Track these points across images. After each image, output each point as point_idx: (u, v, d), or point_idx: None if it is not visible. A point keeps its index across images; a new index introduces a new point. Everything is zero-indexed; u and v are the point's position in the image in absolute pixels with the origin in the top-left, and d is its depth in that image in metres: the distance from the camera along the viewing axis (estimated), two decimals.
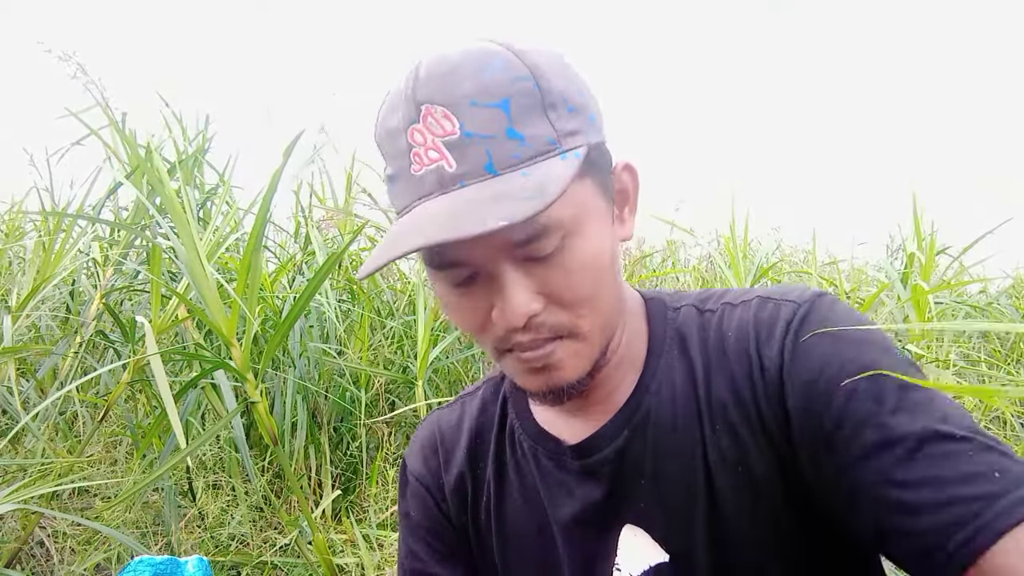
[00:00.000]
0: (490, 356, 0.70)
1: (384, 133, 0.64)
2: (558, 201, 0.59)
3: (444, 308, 0.69)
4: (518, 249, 0.61)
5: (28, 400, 2.15)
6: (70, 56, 2.56)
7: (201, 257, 1.54)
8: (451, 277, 0.64)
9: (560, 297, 0.63)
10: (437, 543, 0.85)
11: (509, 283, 0.62)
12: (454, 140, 0.58)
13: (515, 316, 0.61)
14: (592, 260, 0.64)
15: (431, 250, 0.63)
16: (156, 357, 1.46)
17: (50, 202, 2.65)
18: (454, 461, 0.84)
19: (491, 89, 0.58)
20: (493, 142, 0.58)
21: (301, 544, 1.96)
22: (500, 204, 0.55)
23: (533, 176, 0.57)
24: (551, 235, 0.61)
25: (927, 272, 2.48)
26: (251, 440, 2.41)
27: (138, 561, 1.43)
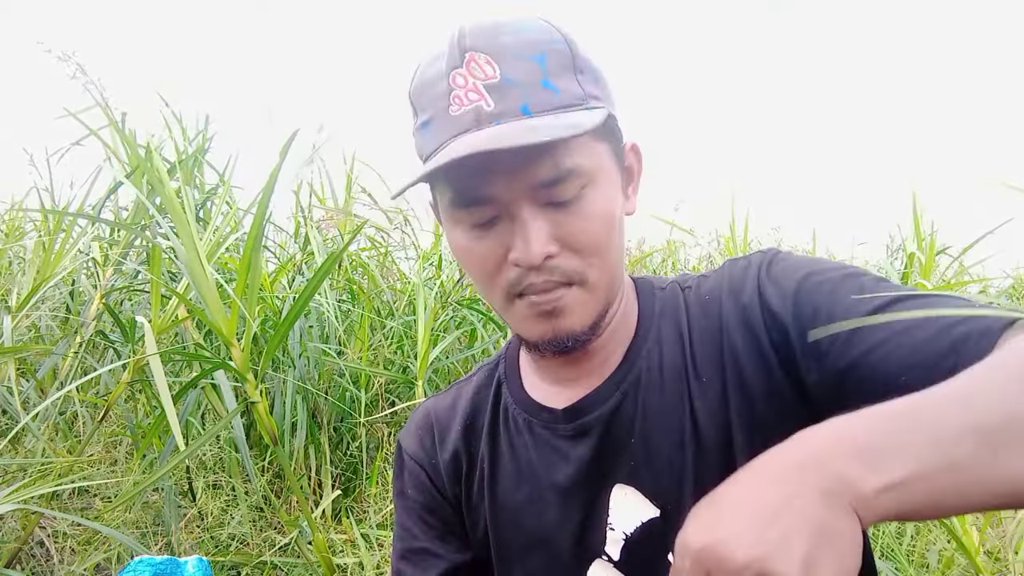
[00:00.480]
0: (498, 308, 0.74)
1: (421, 83, 0.70)
2: (581, 152, 0.67)
3: (461, 254, 0.73)
4: (541, 191, 0.66)
5: (28, 400, 2.15)
6: (70, 56, 2.56)
7: (201, 257, 1.54)
8: (473, 216, 0.69)
9: (575, 243, 0.68)
10: (433, 520, 0.87)
11: (530, 222, 0.67)
12: (494, 83, 0.64)
13: (533, 254, 0.66)
14: (605, 213, 0.70)
15: (462, 184, 0.68)
16: (156, 357, 1.46)
17: (50, 202, 2.65)
18: (449, 440, 0.87)
19: (530, 45, 0.66)
20: (529, 89, 0.64)
21: (301, 544, 1.97)
22: (537, 132, 0.61)
23: (565, 118, 0.64)
24: (573, 180, 0.67)
25: (927, 272, 2.48)
26: (251, 440, 2.41)
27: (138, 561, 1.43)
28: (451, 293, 2.75)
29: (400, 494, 0.89)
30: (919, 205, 2.65)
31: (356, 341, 2.56)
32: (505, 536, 0.82)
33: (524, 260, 0.67)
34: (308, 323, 2.55)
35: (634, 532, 0.75)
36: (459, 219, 0.70)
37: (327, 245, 2.87)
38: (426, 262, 3.12)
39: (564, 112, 0.65)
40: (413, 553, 0.86)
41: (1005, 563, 1.83)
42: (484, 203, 0.68)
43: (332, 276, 2.79)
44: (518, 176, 0.66)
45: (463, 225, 0.70)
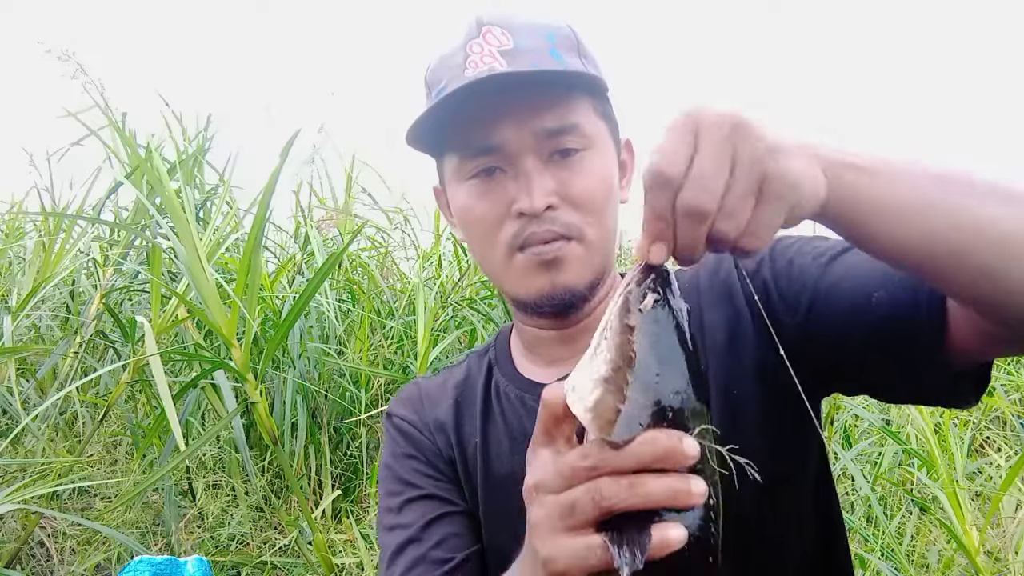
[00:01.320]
0: (497, 267, 0.76)
1: (439, 61, 0.76)
2: (586, 117, 0.74)
3: (464, 214, 0.77)
4: (546, 141, 0.72)
5: (28, 400, 2.14)
6: (70, 56, 2.56)
7: (201, 257, 1.54)
8: (480, 164, 0.74)
9: (575, 198, 0.73)
10: (433, 472, 0.86)
11: (533, 173, 0.72)
12: (508, 50, 0.71)
13: (537, 199, 0.71)
14: (605, 176, 0.75)
15: (472, 133, 0.73)
16: (156, 357, 1.46)
17: (50, 202, 2.65)
18: (439, 411, 0.88)
19: (541, 25, 0.74)
20: (540, 55, 0.72)
21: (301, 544, 1.96)
22: (547, 72, 0.70)
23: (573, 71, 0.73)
24: (577, 136, 0.73)
25: None
26: (251, 440, 2.40)
27: (138, 561, 1.43)
28: (451, 293, 2.75)
29: (393, 456, 0.87)
30: None
31: (356, 341, 2.56)
32: (497, 504, 0.82)
33: (528, 208, 0.71)
34: (308, 323, 2.55)
35: None
36: (465, 173, 0.75)
37: (327, 245, 2.87)
38: (426, 262, 3.12)
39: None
40: (416, 500, 0.82)
41: (1005, 563, 1.83)
42: (491, 152, 0.73)
43: (332, 276, 2.79)
44: (525, 123, 0.71)
45: (469, 182, 0.75)
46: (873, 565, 1.73)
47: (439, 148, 0.80)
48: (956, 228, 0.49)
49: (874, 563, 1.72)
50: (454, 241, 3.03)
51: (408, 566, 0.77)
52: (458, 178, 0.77)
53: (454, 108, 0.71)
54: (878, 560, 1.74)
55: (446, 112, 0.72)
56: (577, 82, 0.74)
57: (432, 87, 0.76)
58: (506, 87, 0.70)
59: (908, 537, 2.04)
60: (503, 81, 0.69)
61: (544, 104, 0.72)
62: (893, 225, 0.50)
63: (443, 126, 0.75)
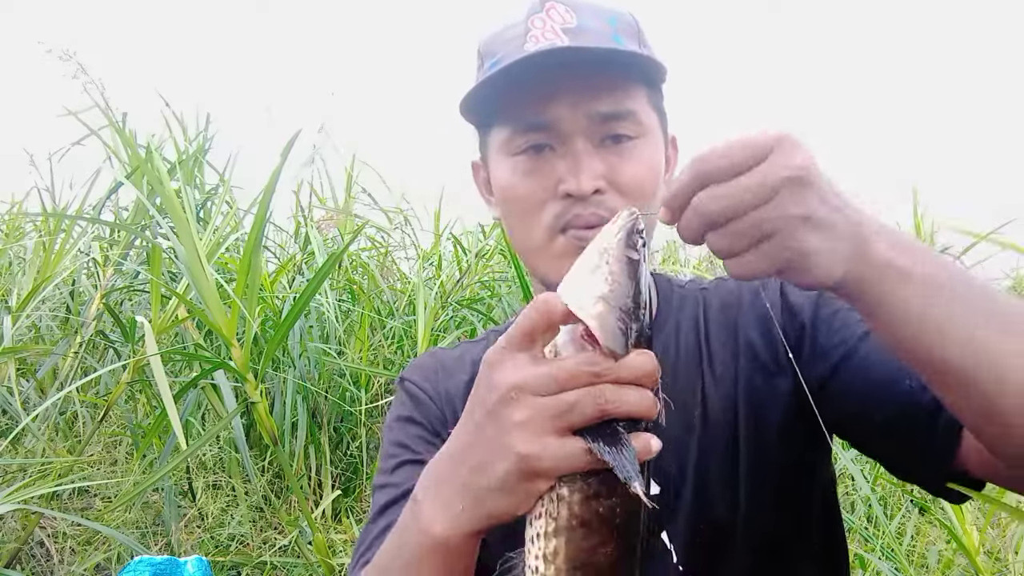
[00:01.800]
0: (535, 248, 0.76)
1: (495, 33, 0.76)
2: (641, 106, 0.73)
3: (507, 190, 0.76)
4: (600, 125, 0.71)
5: (28, 400, 2.14)
6: (70, 56, 2.56)
7: (201, 257, 1.54)
8: (529, 142, 0.73)
9: (623, 185, 0.72)
10: (432, 437, 0.84)
11: (584, 155, 0.71)
12: (571, 28, 0.70)
13: (585, 182, 0.70)
14: (654, 166, 0.75)
15: (525, 108, 0.72)
16: (156, 357, 1.46)
17: (51, 202, 2.65)
18: (452, 385, 0.86)
19: (604, 10, 0.74)
20: (602, 37, 0.71)
21: (301, 544, 1.96)
22: (612, 51, 0.69)
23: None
24: (630, 123, 0.72)
25: None
26: (251, 440, 2.40)
27: (138, 561, 1.43)
28: (451, 293, 2.75)
29: (398, 419, 0.85)
30: (919, 205, 2.65)
31: (356, 341, 2.56)
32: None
33: (575, 190, 0.70)
34: (308, 323, 2.55)
35: None
36: (513, 148, 0.74)
37: (327, 245, 2.87)
38: (426, 262, 3.13)
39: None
40: (410, 463, 0.80)
41: (1005, 563, 1.83)
42: (543, 129, 0.72)
43: (332, 276, 2.79)
44: (581, 104, 0.70)
45: (516, 158, 0.74)
46: (873, 565, 1.73)
47: (488, 119, 0.79)
48: (974, 359, 0.50)
49: (874, 563, 1.72)
50: (454, 241, 3.03)
51: (389, 524, 0.74)
52: (505, 152, 0.75)
53: (512, 80, 0.70)
54: (878, 560, 1.74)
55: (503, 83, 0.71)
56: (636, 69, 0.73)
57: (486, 59, 0.75)
58: (567, 64, 0.69)
59: (908, 537, 2.04)
60: (565, 56, 0.68)
61: (602, 87, 0.71)
62: (908, 333, 0.51)
63: (497, 97, 0.73)
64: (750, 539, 0.72)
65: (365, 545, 0.75)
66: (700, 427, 0.75)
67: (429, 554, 0.54)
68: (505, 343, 0.50)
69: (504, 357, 0.50)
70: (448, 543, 0.53)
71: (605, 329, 0.49)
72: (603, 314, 0.49)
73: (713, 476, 0.73)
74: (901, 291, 0.50)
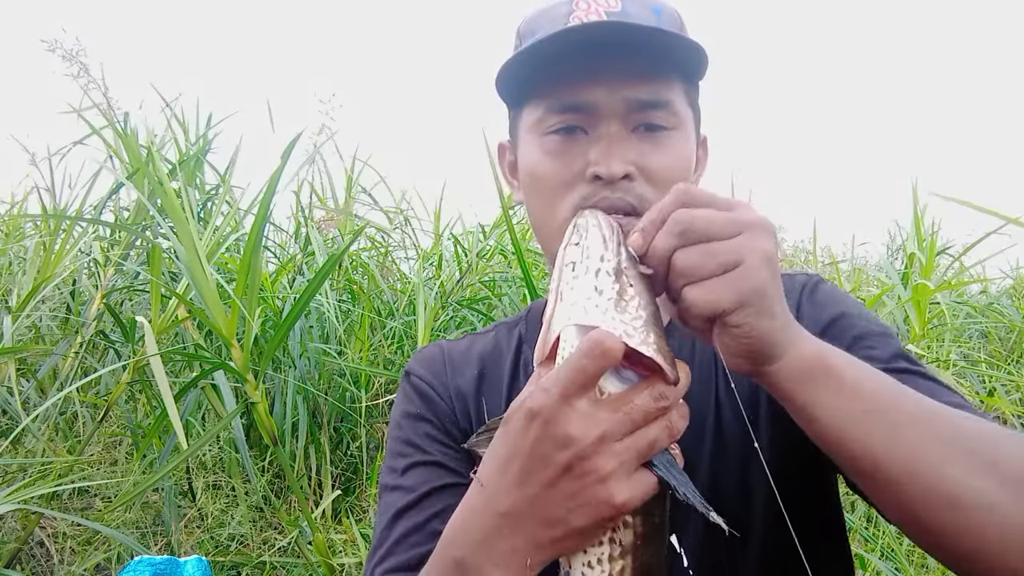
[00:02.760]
0: (556, 229, 0.73)
1: (537, 12, 0.75)
2: (678, 98, 0.73)
3: (534, 168, 0.75)
4: (635, 113, 0.71)
5: (28, 400, 2.15)
6: (72, 56, 2.56)
7: (201, 258, 1.54)
8: (561, 123, 0.72)
9: (654, 173, 0.71)
10: (446, 439, 0.82)
11: (617, 139, 0.70)
12: (615, 11, 0.69)
13: (616, 166, 0.69)
14: (685, 158, 0.74)
15: (564, 87, 0.71)
16: (156, 358, 1.46)
17: (51, 202, 2.65)
18: (461, 379, 0.84)
19: (650, 1, 0.72)
20: (646, 23, 0.69)
21: (301, 544, 1.96)
22: (657, 30, 0.68)
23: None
24: (666, 113, 0.72)
25: (927, 272, 2.48)
26: (251, 440, 2.41)
27: (138, 561, 1.43)
28: (451, 293, 2.75)
29: (405, 416, 0.83)
30: (920, 205, 2.65)
31: (356, 341, 2.56)
32: None
33: (605, 173, 0.69)
34: (308, 323, 2.55)
35: None
36: (545, 127, 0.73)
37: (328, 245, 2.87)
38: (426, 262, 3.12)
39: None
40: (421, 465, 0.78)
41: None
42: (579, 110, 0.71)
43: (332, 276, 2.79)
44: (618, 89, 0.70)
45: (546, 137, 0.73)
46: (873, 565, 1.73)
47: (521, 97, 0.77)
48: (900, 466, 0.51)
49: (874, 563, 1.72)
50: (455, 241, 3.03)
51: (404, 533, 0.74)
52: (536, 131, 0.74)
53: (550, 56, 0.69)
54: (878, 560, 1.74)
55: (540, 59, 0.70)
56: (676, 59, 0.71)
57: (524, 38, 0.75)
58: (607, 44, 0.68)
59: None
60: (606, 33, 0.67)
61: (641, 74, 0.70)
62: (831, 432, 0.53)
63: (533, 73, 0.72)
64: (760, 546, 0.72)
65: (384, 550, 0.73)
66: (712, 437, 0.74)
67: None
68: (559, 392, 0.49)
69: (563, 409, 0.49)
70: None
71: (664, 357, 0.49)
72: (657, 341, 0.49)
73: (724, 483, 0.72)
74: (828, 385, 0.52)
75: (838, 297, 0.77)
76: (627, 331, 0.49)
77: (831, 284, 0.79)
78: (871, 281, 3.82)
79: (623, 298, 0.50)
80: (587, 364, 0.48)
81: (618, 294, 0.50)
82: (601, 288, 0.50)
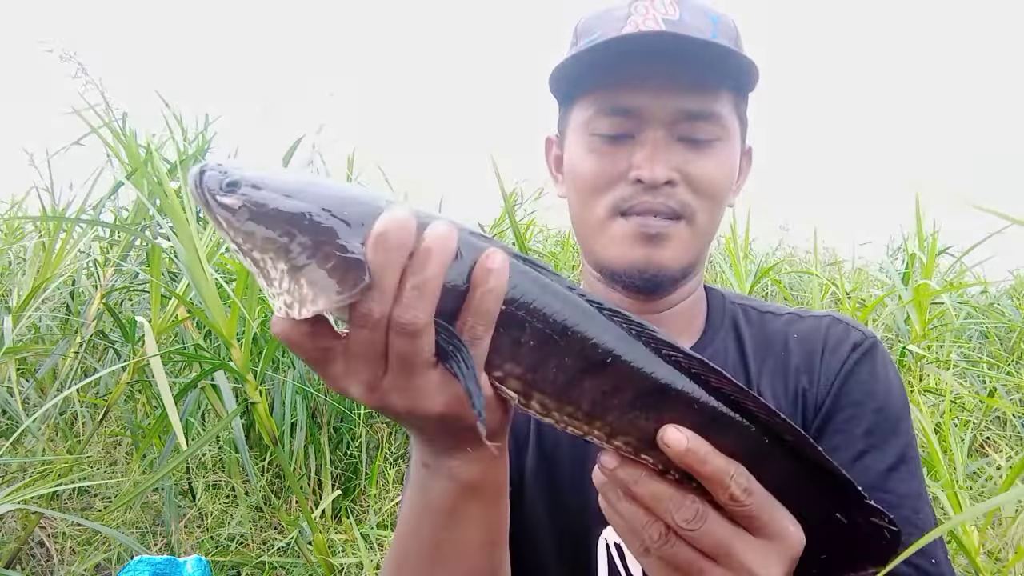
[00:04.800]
0: (592, 226, 0.75)
1: (596, 13, 0.75)
2: (726, 109, 0.73)
3: (577, 165, 0.76)
4: (682, 123, 0.71)
5: (28, 400, 2.14)
6: (71, 56, 2.56)
7: (201, 258, 1.54)
8: (609, 126, 0.73)
9: (696, 181, 0.72)
10: None
11: (662, 146, 0.71)
12: (673, 20, 0.70)
13: (659, 171, 0.70)
14: (729, 168, 0.75)
15: (613, 89, 0.72)
16: (156, 358, 1.46)
17: (50, 202, 2.65)
18: None
19: (708, 10, 0.73)
20: (701, 34, 0.70)
21: (301, 544, 1.96)
22: (712, 43, 0.68)
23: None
24: (714, 124, 0.72)
25: (928, 273, 2.47)
26: (251, 440, 2.40)
27: (137, 561, 1.43)
28: None
29: None
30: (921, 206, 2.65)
31: None
32: (543, 485, 0.81)
33: (647, 176, 0.70)
34: None
35: None
36: (593, 128, 0.74)
37: None
38: None
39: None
40: None
41: (1005, 563, 1.83)
42: (626, 114, 0.72)
43: None
44: (669, 99, 0.70)
45: (593, 137, 0.74)
46: None
47: (572, 94, 0.78)
48: None
49: None
50: None
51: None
52: (584, 130, 0.75)
53: (604, 59, 0.70)
54: None
55: (595, 61, 0.71)
56: (729, 71, 0.72)
57: (581, 37, 0.76)
58: (661, 52, 0.69)
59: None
60: (661, 43, 0.68)
61: (691, 85, 0.71)
62: None
63: (587, 74, 0.73)
64: None
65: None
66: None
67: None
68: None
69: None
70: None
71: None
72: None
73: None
74: None
75: (878, 377, 0.77)
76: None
77: (883, 354, 0.79)
78: (871, 282, 3.82)
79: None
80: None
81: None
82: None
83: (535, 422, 0.83)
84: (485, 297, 0.43)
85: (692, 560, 0.47)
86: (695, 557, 0.47)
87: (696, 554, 0.47)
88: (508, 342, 0.45)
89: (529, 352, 0.45)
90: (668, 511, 0.47)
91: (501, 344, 0.45)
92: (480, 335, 0.44)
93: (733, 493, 0.46)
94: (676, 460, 0.46)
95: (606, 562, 0.78)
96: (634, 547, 0.49)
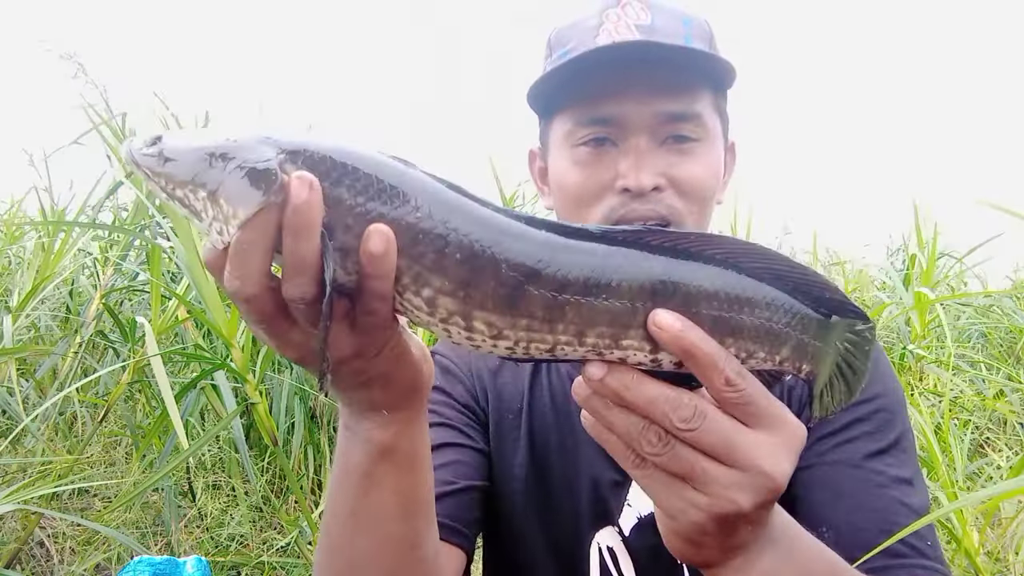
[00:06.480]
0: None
1: (568, 24, 0.75)
2: (707, 110, 0.73)
3: (562, 179, 0.76)
4: (665, 125, 0.71)
5: (28, 400, 2.14)
6: (70, 56, 2.56)
7: (201, 258, 1.54)
8: (592, 133, 0.73)
9: (682, 184, 0.72)
10: (458, 405, 0.83)
11: (646, 153, 0.71)
12: (645, 26, 0.70)
13: (645, 178, 0.70)
14: (713, 169, 0.75)
15: (592, 100, 0.72)
16: (157, 358, 1.46)
17: (49, 202, 2.65)
18: (482, 365, 0.86)
19: (679, 12, 0.73)
20: (674, 39, 0.70)
21: (301, 544, 1.96)
22: (686, 48, 0.69)
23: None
24: (695, 124, 0.72)
25: (928, 274, 2.48)
26: (251, 441, 2.40)
27: (137, 561, 1.43)
28: None
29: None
30: (921, 206, 2.65)
31: None
32: (532, 472, 0.82)
33: (634, 185, 0.70)
34: None
35: (647, 516, 0.77)
36: (574, 139, 0.74)
37: None
38: None
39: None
40: (434, 426, 0.79)
41: (1005, 563, 1.83)
42: (608, 123, 0.72)
43: None
44: (648, 103, 0.70)
45: (576, 148, 0.74)
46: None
47: (551, 108, 0.78)
48: None
49: None
50: None
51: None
52: (567, 143, 0.75)
53: (580, 71, 0.70)
54: None
55: (570, 74, 0.71)
56: (706, 71, 0.72)
57: (555, 49, 0.76)
58: (637, 61, 0.69)
59: None
60: (635, 52, 0.68)
61: (670, 87, 0.71)
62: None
63: (564, 87, 0.73)
64: None
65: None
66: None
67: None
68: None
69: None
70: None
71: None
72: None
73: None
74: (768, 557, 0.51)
75: (873, 378, 0.76)
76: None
77: (877, 348, 0.79)
78: (874, 283, 3.82)
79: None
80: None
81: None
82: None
83: (526, 427, 0.83)
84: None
85: (693, 462, 0.44)
86: (696, 458, 0.44)
87: (697, 454, 0.44)
88: (432, 256, 0.43)
89: (456, 266, 0.43)
90: (665, 414, 0.43)
91: (423, 259, 0.43)
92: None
93: (728, 376, 0.43)
94: (671, 344, 0.42)
95: (598, 565, 0.78)
96: (628, 460, 0.46)
